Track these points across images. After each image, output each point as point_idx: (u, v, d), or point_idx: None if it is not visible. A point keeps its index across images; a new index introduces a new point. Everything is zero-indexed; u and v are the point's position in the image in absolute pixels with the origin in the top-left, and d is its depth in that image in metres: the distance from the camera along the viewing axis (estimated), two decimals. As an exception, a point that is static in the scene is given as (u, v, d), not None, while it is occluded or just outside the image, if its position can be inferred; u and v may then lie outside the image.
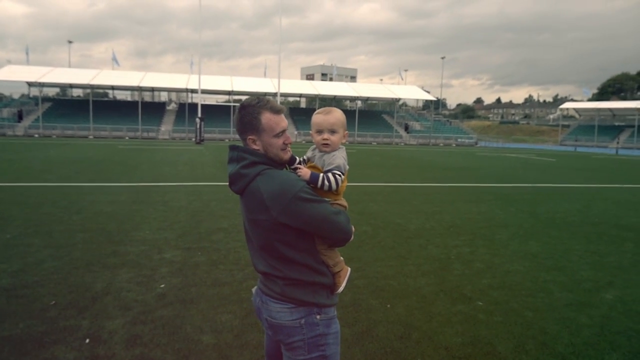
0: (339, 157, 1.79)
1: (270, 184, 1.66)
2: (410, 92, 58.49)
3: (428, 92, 61.32)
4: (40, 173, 13.02)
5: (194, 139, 39.11)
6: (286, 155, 1.80)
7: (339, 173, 1.76)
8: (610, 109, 64.65)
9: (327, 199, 1.75)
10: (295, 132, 47.84)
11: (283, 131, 1.76)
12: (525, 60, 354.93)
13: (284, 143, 1.77)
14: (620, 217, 8.60)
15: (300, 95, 61.01)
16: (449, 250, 5.85)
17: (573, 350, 3.28)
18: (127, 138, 43.26)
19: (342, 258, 1.86)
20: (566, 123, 73.50)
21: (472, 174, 16.88)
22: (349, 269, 1.88)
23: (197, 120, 37.27)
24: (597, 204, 10.17)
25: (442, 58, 60.63)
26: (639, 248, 6.26)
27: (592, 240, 6.62)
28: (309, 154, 1.90)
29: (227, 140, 45.40)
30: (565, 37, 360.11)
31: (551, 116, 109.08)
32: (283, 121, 1.77)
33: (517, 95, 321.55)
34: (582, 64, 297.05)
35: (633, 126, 57.40)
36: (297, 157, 1.88)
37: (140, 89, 49.30)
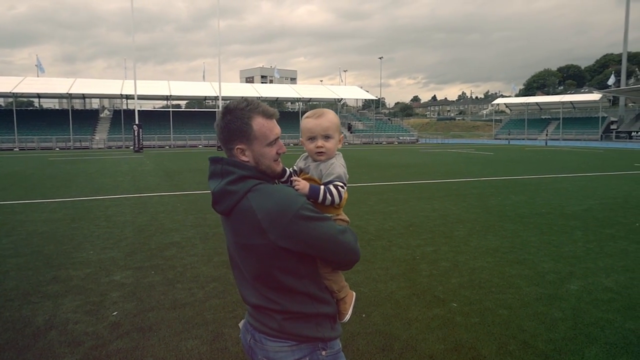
0: (338, 166, 1.57)
1: (265, 201, 1.40)
2: (351, 92, 59.25)
3: (367, 92, 62.32)
4: (-41, 192, 11.77)
5: (132, 147, 37.31)
6: (279, 167, 1.55)
7: (341, 184, 1.53)
8: (537, 103, 68.77)
9: (329, 215, 1.52)
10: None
11: (277, 139, 1.52)
12: (456, 59, 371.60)
13: (276, 153, 1.53)
14: (563, 206, 8.98)
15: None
16: (413, 251, 5.79)
17: (554, 347, 3.25)
18: (57, 149, 40.54)
19: (346, 282, 1.64)
20: (498, 118, 77.41)
21: (419, 170, 17.20)
22: (354, 293, 1.66)
23: (135, 127, 35.60)
24: (541, 194, 10.61)
25: (380, 58, 62.20)
26: (587, 236, 6.50)
27: (544, 231, 6.81)
28: (300, 164, 1.66)
29: (167, 147, 43.76)
30: (491, 37, 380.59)
31: (484, 112, 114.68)
32: (276, 127, 1.52)
33: (450, 92, 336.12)
34: (508, 61, 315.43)
35: (558, 119, 61.41)
36: (288, 169, 1.64)
37: (70, 96, 46.47)
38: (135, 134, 35.48)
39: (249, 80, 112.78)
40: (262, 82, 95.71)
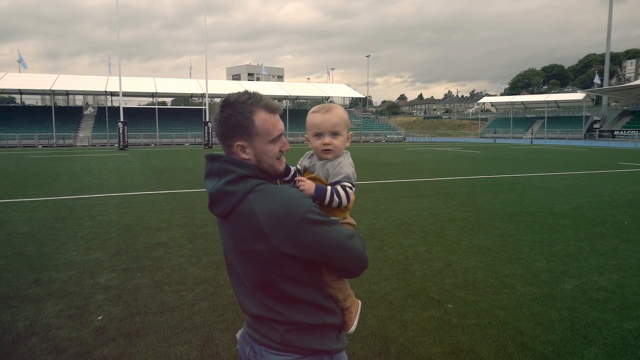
0: (346, 165, 1.46)
1: (268, 203, 1.29)
2: (339, 90, 59.20)
3: (355, 90, 62.35)
4: (-63, 191, 11.40)
5: (117, 145, 36.75)
6: (282, 166, 1.44)
7: (349, 184, 1.43)
8: (522, 102, 69.53)
9: (336, 219, 1.41)
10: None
11: (280, 135, 1.40)
12: (442, 58, 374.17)
13: (280, 150, 1.41)
14: (552, 204, 9.01)
15: (229, 96, 59.55)
16: (405, 250, 5.71)
17: (553, 349, 3.20)
18: (39, 146, 39.76)
19: (351, 290, 1.53)
20: (484, 116, 78.10)
21: (407, 169, 17.19)
22: (360, 302, 1.56)
23: (120, 124, 35.05)
24: (529, 193, 10.64)
25: (367, 56, 61.97)
26: (578, 235, 6.51)
27: (535, 230, 6.80)
28: (304, 162, 1.54)
29: (153, 145, 43.22)
30: (477, 36, 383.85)
31: (470, 110, 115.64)
32: (280, 122, 1.40)
33: (437, 91, 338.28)
34: (493, 60, 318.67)
35: (543, 117, 62.17)
36: (292, 168, 1.53)
37: (53, 93, 45.61)
38: (120, 132, 34.94)
39: (236, 77, 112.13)
40: (249, 80, 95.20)
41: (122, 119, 35.45)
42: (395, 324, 3.60)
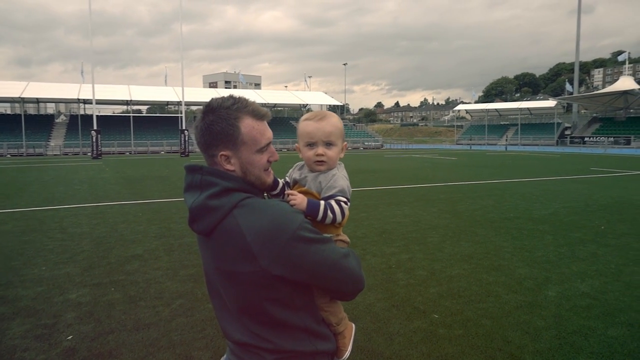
0: (341, 178, 1.35)
1: (255, 220, 1.16)
2: (317, 98, 59.37)
3: (332, 97, 62.57)
4: None
5: (90, 154, 35.87)
6: (270, 178, 1.32)
7: (344, 199, 1.32)
8: (496, 110, 71.00)
9: (329, 236, 1.30)
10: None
11: (268, 144, 1.29)
12: (418, 67, 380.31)
13: (268, 161, 1.29)
14: (530, 210, 9.10)
15: (205, 104, 59.06)
16: (388, 259, 5.64)
17: (541, 359, 3.14)
18: (8, 155, 38.49)
19: (345, 313, 1.42)
20: (460, 124, 79.41)
21: (386, 176, 17.22)
22: (354, 325, 1.45)
23: (93, 132, 34.24)
24: (507, 199, 10.74)
25: (345, 64, 62.42)
26: (557, 240, 6.55)
27: (515, 236, 6.82)
28: (294, 174, 1.43)
29: (127, 154, 42.35)
30: (452, 45, 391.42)
31: (446, 117, 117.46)
32: (268, 130, 1.29)
33: (413, 99, 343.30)
34: (468, 69, 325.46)
35: (516, 124, 63.54)
36: (280, 180, 1.41)
37: (22, 101, 44.31)
38: (94, 140, 34.13)
39: (213, 85, 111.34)
40: (226, 87, 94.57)
41: (95, 127, 34.66)
42: (381, 337, 3.50)
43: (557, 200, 10.33)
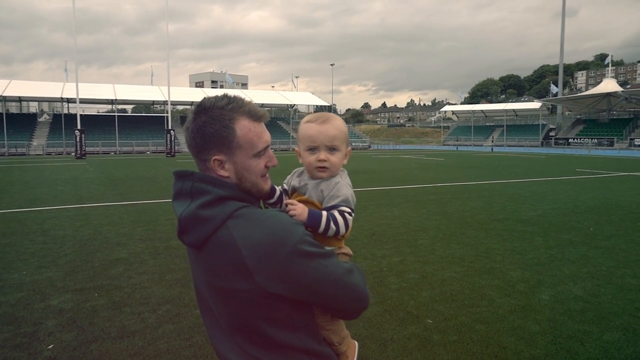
0: (344, 186, 1.24)
1: (251, 231, 1.06)
2: (304, 98, 59.27)
3: (319, 98, 62.52)
4: None
5: (73, 154, 35.28)
6: (267, 185, 1.21)
7: (348, 210, 1.21)
8: (482, 111, 71.59)
9: (331, 249, 1.20)
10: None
11: (266, 147, 1.18)
12: (405, 68, 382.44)
13: (265, 166, 1.18)
14: (519, 211, 9.11)
15: (192, 104, 58.50)
16: (379, 262, 5.56)
17: (538, 366, 3.08)
18: (-11, 155, 37.69)
19: (347, 331, 1.33)
20: (446, 124, 79.97)
21: (374, 177, 17.18)
22: (357, 343, 1.36)
23: (77, 132, 33.66)
24: (496, 200, 10.76)
25: (332, 65, 62.37)
26: (548, 242, 6.54)
27: (506, 238, 6.80)
28: (293, 182, 1.32)
29: (112, 154, 41.74)
30: (438, 47, 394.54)
31: (432, 118, 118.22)
32: (266, 132, 1.18)
33: (400, 99, 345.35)
34: (454, 70, 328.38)
35: (502, 126, 64.17)
36: (277, 188, 1.30)
37: (4, 99, 43.42)
38: (77, 140, 33.56)
39: (199, 85, 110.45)
40: (212, 87, 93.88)
41: (79, 127, 34.09)
42: (375, 344, 3.41)
43: (545, 202, 10.37)
